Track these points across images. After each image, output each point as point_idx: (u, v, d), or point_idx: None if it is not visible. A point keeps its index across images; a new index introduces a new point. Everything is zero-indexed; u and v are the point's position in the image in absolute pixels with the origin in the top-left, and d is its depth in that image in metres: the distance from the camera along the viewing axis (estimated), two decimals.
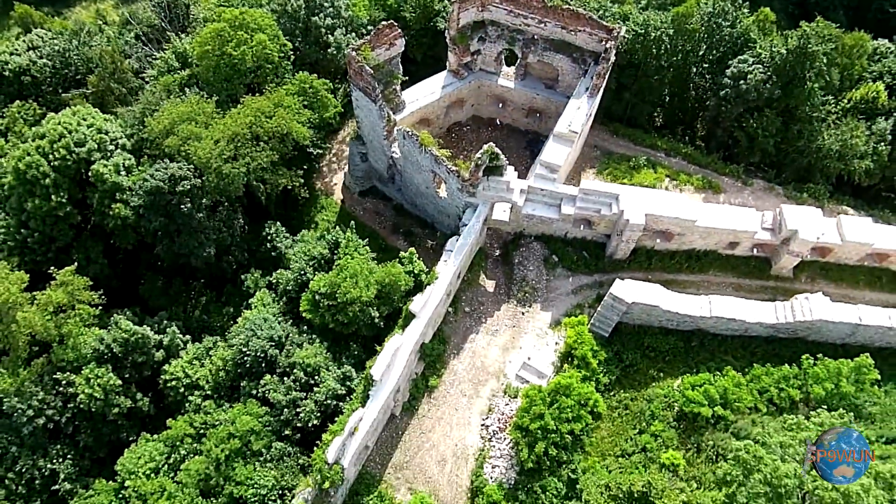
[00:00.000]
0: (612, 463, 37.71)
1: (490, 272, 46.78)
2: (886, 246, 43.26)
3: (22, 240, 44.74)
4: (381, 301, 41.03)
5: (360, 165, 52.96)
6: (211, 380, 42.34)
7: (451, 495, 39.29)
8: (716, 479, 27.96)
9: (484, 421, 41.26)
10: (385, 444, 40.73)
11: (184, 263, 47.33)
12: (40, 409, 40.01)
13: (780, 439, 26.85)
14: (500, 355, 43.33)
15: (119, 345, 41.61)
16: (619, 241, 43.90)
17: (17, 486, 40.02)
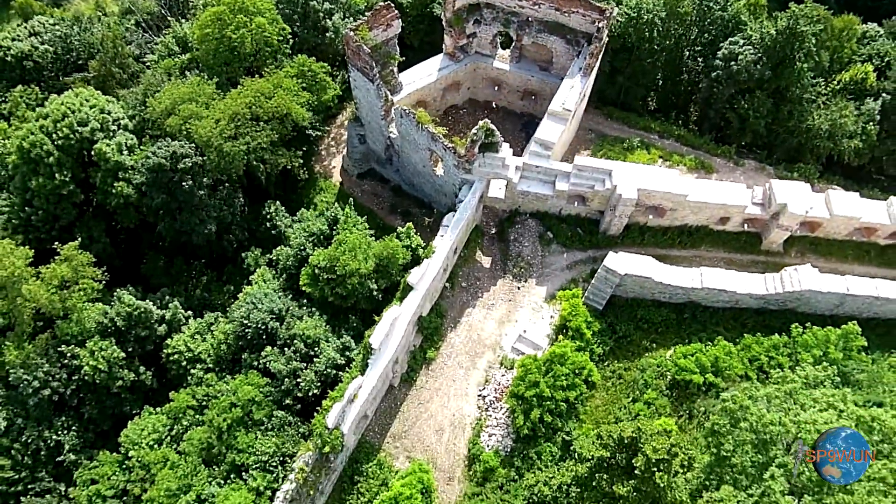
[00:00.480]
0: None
1: (486, 249, 47.65)
2: (873, 220, 44.18)
3: (26, 218, 45.51)
4: (379, 274, 41.89)
5: (359, 147, 53.78)
6: (212, 353, 43.11)
7: (448, 463, 40.12)
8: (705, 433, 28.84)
9: (480, 391, 42.10)
10: (384, 415, 41.57)
11: (185, 242, 48.14)
12: (45, 380, 40.76)
13: (766, 391, 27.71)
14: (497, 328, 44.18)
15: (122, 318, 42.42)
16: (613, 217, 44.78)
17: (23, 456, 40.76)
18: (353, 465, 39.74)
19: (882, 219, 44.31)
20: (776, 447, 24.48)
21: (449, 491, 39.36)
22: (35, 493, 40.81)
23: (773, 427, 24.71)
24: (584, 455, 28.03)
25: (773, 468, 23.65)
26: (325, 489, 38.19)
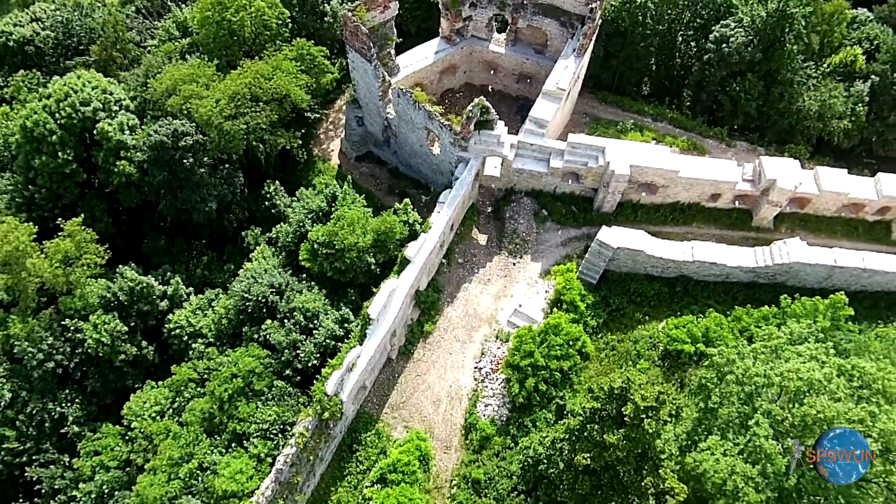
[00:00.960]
0: None
1: (482, 227, 48.51)
2: (861, 195, 45.11)
3: (29, 196, 46.23)
4: (377, 249, 42.74)
5: (357, 130, 54.59)
6: (213, 328, 43.86)
7: (445, 432, 40.93)
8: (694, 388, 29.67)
9: (477, 364, 42.93)
10: (382, 386, 42.39)
11: (185, 221, 48.91)
12: (49, 353, 41.50)
13: (752, 347, 28.57)
14: (492, 303, 45.03)
15: (125, 293, 43.18)
16: (606, 194, 45.65)
17: (28, 427, 41.47)
18: (351, 435, 40.54)
19: (870, 195, 45.24)
20: (761, 398, 25.32)
21: (446, 459, 40.17)
22: (40, 463, 41.53)
23: (758, 379, 25.54)
24: (577, 411, 28.82)
25: (757, 415, 24.50)
26: (325, 456, 38.97)
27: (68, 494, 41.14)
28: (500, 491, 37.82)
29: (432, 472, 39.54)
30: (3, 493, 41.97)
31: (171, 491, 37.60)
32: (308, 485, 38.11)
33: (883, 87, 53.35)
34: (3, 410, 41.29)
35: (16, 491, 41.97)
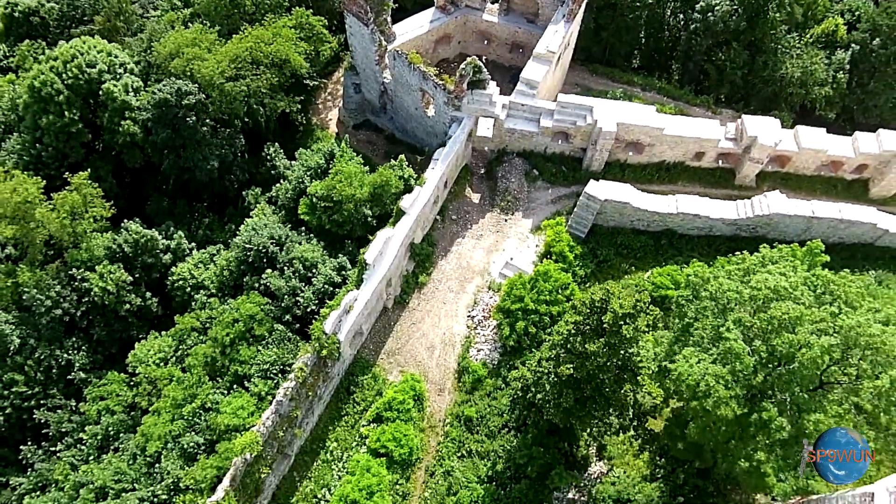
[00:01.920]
0: None
1: (475, 186, 50.19)
2: (839, 153, 46.87)
3: (36, 155, 47.70)
4: (373, 202, 44.32)
5: (354, 97, 56.21)
6: (215, 280, 45.36)
7: (439, 376, 42.55)
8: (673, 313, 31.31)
9: (470, 312, 44.56)
10: (378, 334, 44.01)
11: (188, 181, 50.45)
12: (57, 301, 42.99)
13: (726, 269, 30.26)
14: (485, 256, 46.69)
15: (130, 245, 44.73)
16: (594, 152, 47.35)
17: (36, 373, 42.91)
18: (349, 378, 42.14)
19: (847, 152, 47.00)
20: (733, 312, 26.98)
21: (439, 401, 41.77)
22: (47, 408, 42.96)
23: (731, 293, 27.21)
24: (561, 330, 30.45)
25: (728, 323, 26.16)
26: (324, 396, 40.54)
27: (75, 437, 42.61)
28: (492, 428, 39.43)
29: (426, 412, 41.16)
30: (12, 436, 43.35)
31: (175, 430, 39.08)
32: (307, 422, 39.66)
33: (863, 55, 55.25)
34: (12, 356, 42.73)
35: (24, 435, 43.34)
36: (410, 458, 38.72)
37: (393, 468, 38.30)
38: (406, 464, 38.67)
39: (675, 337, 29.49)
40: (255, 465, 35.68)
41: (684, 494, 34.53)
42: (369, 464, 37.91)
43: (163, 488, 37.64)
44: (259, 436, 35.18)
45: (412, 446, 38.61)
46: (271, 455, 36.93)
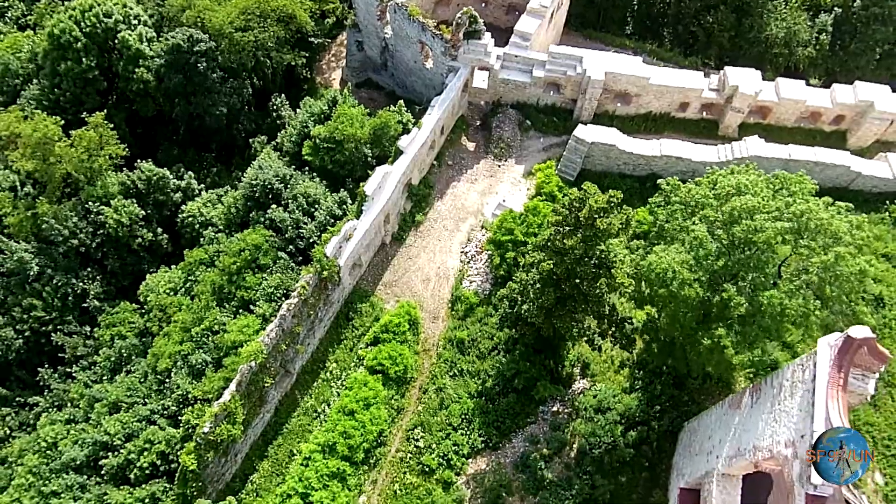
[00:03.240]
0: None
1: (471, 136, 52.65)
2: (818, 103, 49.19)
3: (55, 100, 50.35)
4: (373, 143, 46.81)
5: (357, 55, 58.76)
6: (223, 217, 47.87)
7: (433, 305, 44.96)
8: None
9: (463, 249, 46.99)
10: (376, 267, 46.46)
11: (198, 129, 53.05)
12: (74, 232, 45.57)
13: (696, 179, 32.63)
14: (479, 198, 49.12)
15: (143, 182, 47.34)
16: (584, 102, 49.76)
17: (53, 299, 45.49)
18: (348, 306, 44.58)
19: (825, 103, 49.32)
20: (702, 211, 29.37)
21: (433, 327, 44.17)
22: (63, 332, 45.50)
23: (699, 197, 29.58)
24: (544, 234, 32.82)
25: (695, 218, 28.51)
26: (324, 320, 42.97)
27: (89, 360, 45.15)
28: (482, 350, 41.81)
29: (421, 336, 43.55)
30: (30, 360, 45.89)
31: (185, 350, 41.59)
32: (309, 343, 42.09)
33: (845, 17, 57.58)
34: (31, 283, 45.33)
35: (41, 359, 45.87)
36: (405, 375, 41.14)
37: (388, 385, 40.71)
38: (401, 381, 41.09)
39: (648, 242, 31.89)
40: (260, 375, 38.11)
41: (661, 403, 36.94)
42: (366, 379, 40.34)
43: (172, 401, 40.14)
44: (263, 346, 37.63)
45: (407, 364, 41.04)
46: (275, 368, 39.36)
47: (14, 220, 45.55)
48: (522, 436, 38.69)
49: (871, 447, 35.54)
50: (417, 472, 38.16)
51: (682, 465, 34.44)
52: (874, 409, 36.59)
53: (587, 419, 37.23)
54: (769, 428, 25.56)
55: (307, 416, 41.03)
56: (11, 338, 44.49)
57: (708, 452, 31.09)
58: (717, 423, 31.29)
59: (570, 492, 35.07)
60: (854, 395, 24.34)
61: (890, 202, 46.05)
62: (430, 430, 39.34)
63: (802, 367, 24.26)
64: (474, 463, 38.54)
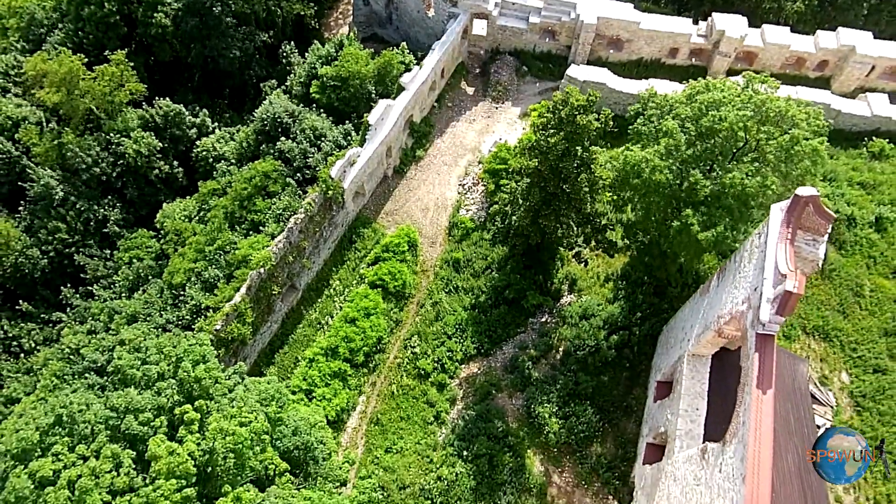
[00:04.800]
0: None
1: (470, 82, 55.35)
2: (802, 48, 51.46)
3: (78, 42, 53.41)
4: (377, 81, 49.53)
5: (363, 10, 61.58)
6: (235, 152, 50.71)
7: (432, 232, 47.62)
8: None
9: (461, 181, 49.64)
10: (378, 198, 49.19)
11: (212, 74, 55.95)
12: (96, 161, 48.54)
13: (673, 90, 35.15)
14: (477, 137, 51.77)
15: (160, 117, 50.27)
16: (577, 47, 52.29)
17: (76, 223, 48.45)
18: (351, 231, 47.33)
19: (809, 48, 51.59)
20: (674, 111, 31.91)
21: (431, 251, 46.82)
22: (85, 255, 48.49)
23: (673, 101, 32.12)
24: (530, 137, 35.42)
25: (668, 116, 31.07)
26: (329, 240, 45.73)
27: (108, 281, 48.08)
28: (476, 269, 44.38)
29: (419, 259, 46.21)
30: (53, 280, 48.83)
31: (198, 267, 44.38)
32: (313, 261, 44.84)
33: None
34: (56, 208, 48.30)
35: (64, 281, 48.81)
36: (404, 290, 43.81)
37: (388, 298, 43.41)
38: (400, 295, 43.77)
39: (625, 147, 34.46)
40: (268, 282, 40.91)
41: (642, 311, 39.40)
42: (367, 293, 43.07)
43: (187, 311, 42.87)
44: (272, 254, 40.41)
45: (406, 280, 43.72)
46: (282, 279, 42.14)
47: (41, 150, 48.55)
48: (512, 344, 41.23)
49: (840, 350, 37.86)
50: (414, 376, 40.75)
51: (660, 363, 36.89)
52: (843, 317, 38.88)
53: (573, 325, 39.76)
54: (730, 295, 28.01)
55: (311, 328, 43.77)
56: (37, 257, 47.47)
57: (681, 341, 33.55)
58: (689, 313, 33.76)
59: (554, 387, 37.60)
60: (807, 262, 26.75)
61: (869, 139, 48.17)
62: (426, 338, 41.96)
63: (759, 234, 26.70)
64: (467, 368, 41.13)
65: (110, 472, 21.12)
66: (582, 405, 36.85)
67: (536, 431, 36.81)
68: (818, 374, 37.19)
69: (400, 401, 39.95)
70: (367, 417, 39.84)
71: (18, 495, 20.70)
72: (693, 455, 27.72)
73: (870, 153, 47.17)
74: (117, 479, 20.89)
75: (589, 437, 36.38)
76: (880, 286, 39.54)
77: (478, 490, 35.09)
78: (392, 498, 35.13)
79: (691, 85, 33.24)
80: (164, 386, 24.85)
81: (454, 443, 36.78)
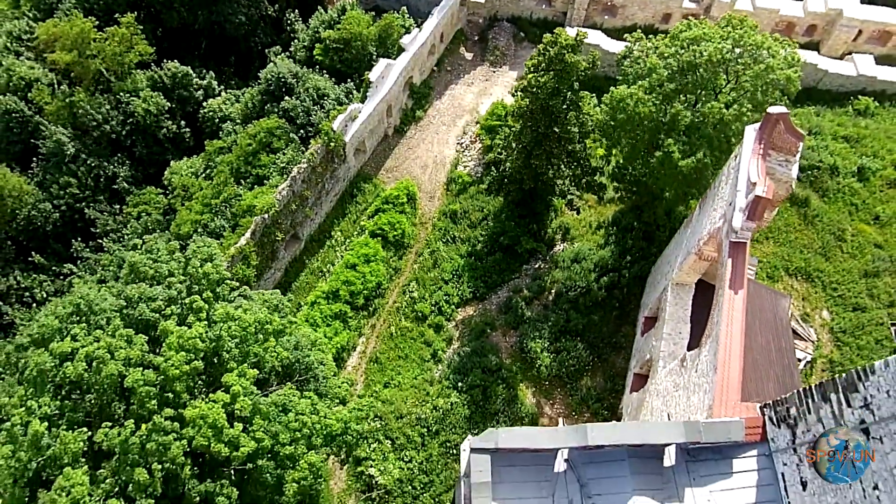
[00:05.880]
0: None
1: (469, 48, 56.96)
2: (791, 13, 52.87)
3: (89, 8, 55.16)
4: (378, 43, 51.18)
5: None
6: (241, 113, 52.42)
7: (430, 187, 49.20)
8: None
9: (459, 140, 51.24)
10: (379, 156, 50.81)
11: (219, 38, 57.69)
12: (106, 119, 50.29)
13: None
14: (475, 99, 53.36)
15: (168, 78, 52.00)
16: (573, 12, 53.88)
17: (87, 179, 50.20)
18: (353, 185, 48.96)
19: (798, 12, 53.01)
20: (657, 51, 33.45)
21: (430, 205, 48.40)
22: (95, 209, 50.22)
23: (657, 42, 33.66)
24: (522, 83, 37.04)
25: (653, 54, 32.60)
26: (331, 193, 47.34)
27: (117, 234, 49.79)
28: (473, 220, 45.94)
29: (418, 212, 47.79)
30: (65, 234, 50.55)
31: (204, 219, 46.08)
32: (316, 212, 46.46)
33: None
34: (67, 164, 50.05)
35: (74, 235, 50.53)
36: (403, 240, 45.41)
37: (387, 247, 45.02)
38: (399, 245, 45.36)
39: None
40: (272, 228, 42.54)
41: (631, 254, 40.90)
42: (367, 241, 44.67)
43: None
44: (276, 200, 42.05)
45: (404, 230, 45.33)
46: (285, 226, 43.78)
47: (52, 108, 50.27)
48: (507, 288, 42.77)
49: (821, 290, 39.30)
50: (412, 319, 42.31)
51: (648, 301, 38.40)
52: (825, 259, 40.32)
53: (565, 269, 41.29)
54: (709, 218, 29.53)
55: (313, 276, 45.37)
56: (49, 211, 49.20)
57: (666, 274, 35.07)
58: (674, 247, 35.29)
59: (546, 324, 39.13)
60: (781, 183, 28.30)
61: (854, 98, 49.59)
62: (423, 284, 43.52)
63: (735, 156, 28.23)
64: (463, 311, 42.69)
65: (125, 349, 22.75)
66: (573, 341, 38.39)
67: (529, 366, 38.34)
68: (800, 311, 38.66)
69: (398, 341, 41.51)
70: (367, 357, 41.41)
71: (40, 368, 22.47)
72: (674, 367, 29.25)
73: (855, 111, 48.58)
74: (131, 351, 22.52)
75: (579, 370, 37.89)
76: (861, 231, 40.98)
77: (472, 419, 36.65)
78: (389, 426, 36.71)
79: (675, 27, 34.74)
80: (174, 281, 26.54)
81: (450, 376, 38.33)
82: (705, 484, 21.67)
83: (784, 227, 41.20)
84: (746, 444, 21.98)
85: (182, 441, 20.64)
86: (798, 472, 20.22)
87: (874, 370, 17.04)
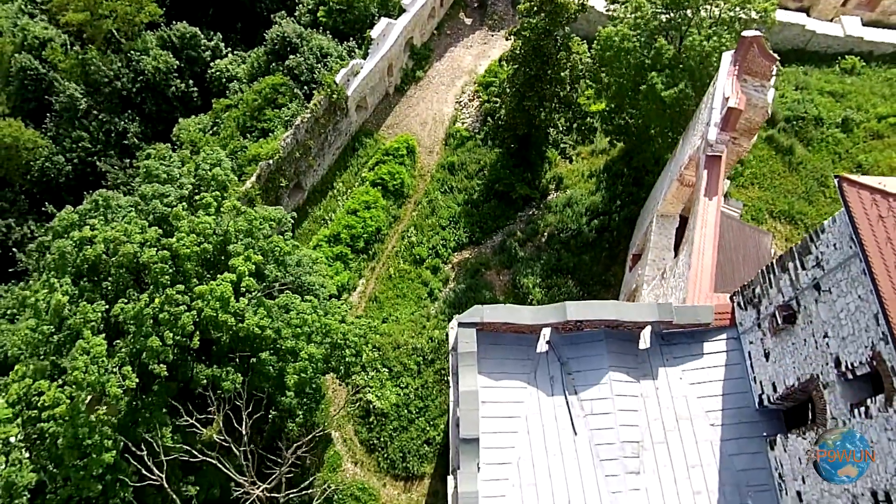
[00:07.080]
0: None
1: (468, 14, 58.69)
2: None
3: None
4: (381, 5, 52.95)
5: None
6: (247, 73, 54.23)
7: (430, 142, 50.93)
8: None
9: (458, 99, 52.94)
10: (380, 113, 52.55)
11: (226, 3, 59.51)
12: (117, 75, 52.17)
13: None
14: (473, 60, 55.07)
15: (177, 38, 53.85)
16: None
17: (99, 133, 52.09)
18: (354, 140, 50.71)
19: None
20: None
21: (429, 159, 50.11)
22: (107, 163, 52.09)
23: None
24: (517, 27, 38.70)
25: None
26: (333, 146, 49.10)
27: (127, 188, 51.59)
28: (470, 171, 47.63)
29: (418, 166, 49.48)
30: (77, 188, 52.40)
31: None
32: (319, 163, 48.22)
33: None
34: (79, 119, 51.95)
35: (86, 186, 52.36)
36: (402, 189, 47.10)
37: (387, 196, 46.72)
38: (398, 194, 47.06)
39: None
40: (276, 174, 44.29)
41: (621, 199, 42.50)
42: (367, 189, 46.38)
43: None
44: (280, 147, 43.79)
45: (404, 180, 47.03)
46: (289, 174, 45.53)
47: (66, 66, 52.22)
48: (502, 233, 44.41)
49: (804, 232, 40.81)
50: (410, 262, 43.98)
51: (635, 240, 39.98)
52: (808, 203, 41.84)
53: (557, 213, 42.91)
54: (689, 144, 31.13)
55: (316, 224, 47.10)
56: (62, 163, 51.12)
57: (652, 209, 36.65)
58: (659, 183, 36.86)
59: (538, 262, 40.75)
60: (756, 108, 29.87)
61: (842, 58, 51.07)
62: (421, 230, 45.20)
63: (713, 83, 29.80)
64: (459, 254, 44.33)
65: (140, 233, 24.49)
66: (563, 278, 39.99)
67: (521, 300, 39.88)
68: (783, 251, 40.08)
69: (397, 282, 43.18)
70: (366, 297, 43.09)
71: (62, 251, 24.20)
72: (655, 282, 30.83)
73: (842, 69, 50.02)
74: (146, 234, 24.26)
75: None
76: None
77: None
78: (386, 355, 38.37)
79: None
80: (185, 182, 28.30)
81: (445, 311, 39.95)
82: (677, 364, 23.28)
83: (769, 174, 42.73)
84: (717, 328, 23.60)
85: (192, 312, 22.36)
86: (762, 346, 21.81)
87: (824, 229, 18.63)
